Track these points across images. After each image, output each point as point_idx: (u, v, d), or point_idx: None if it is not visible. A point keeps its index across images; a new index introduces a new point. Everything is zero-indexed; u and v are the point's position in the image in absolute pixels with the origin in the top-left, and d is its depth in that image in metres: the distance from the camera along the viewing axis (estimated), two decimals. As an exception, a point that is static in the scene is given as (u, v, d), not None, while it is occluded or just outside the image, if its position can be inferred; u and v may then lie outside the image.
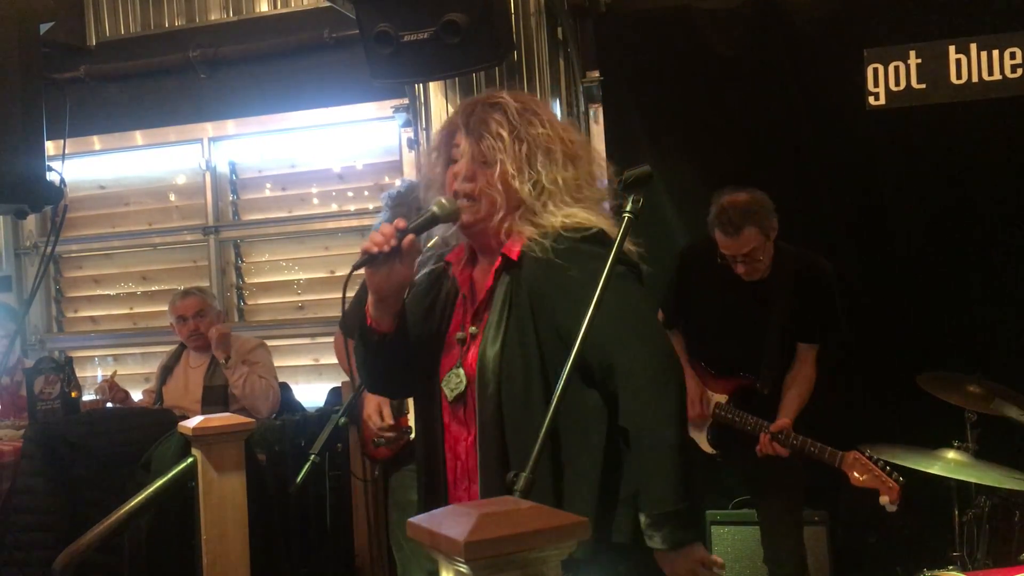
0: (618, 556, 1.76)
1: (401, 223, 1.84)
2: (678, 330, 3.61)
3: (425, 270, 2.03)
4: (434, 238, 2.03)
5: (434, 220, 1.89)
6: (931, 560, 3.15)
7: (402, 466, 3.23)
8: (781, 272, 3.41)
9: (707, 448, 3.43)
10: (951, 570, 3.05)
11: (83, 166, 5.74)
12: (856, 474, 3.21)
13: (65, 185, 2.82)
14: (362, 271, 1.86)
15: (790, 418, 3.34)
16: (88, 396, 4.68)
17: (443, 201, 1.89)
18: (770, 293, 3.41)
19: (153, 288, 5.78)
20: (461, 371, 1.91)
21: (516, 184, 1.86)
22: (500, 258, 1.90)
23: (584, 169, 1.93)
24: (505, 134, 1.87)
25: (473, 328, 1.93)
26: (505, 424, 1.79)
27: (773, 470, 3.43)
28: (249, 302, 5.65)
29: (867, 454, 3.21)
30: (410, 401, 3.00)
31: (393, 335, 1.94)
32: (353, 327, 3.73)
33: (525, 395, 1.79)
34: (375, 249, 1.81)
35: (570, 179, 1.90)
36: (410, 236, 1.84)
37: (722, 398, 3.48)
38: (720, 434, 3.46)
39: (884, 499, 3.15)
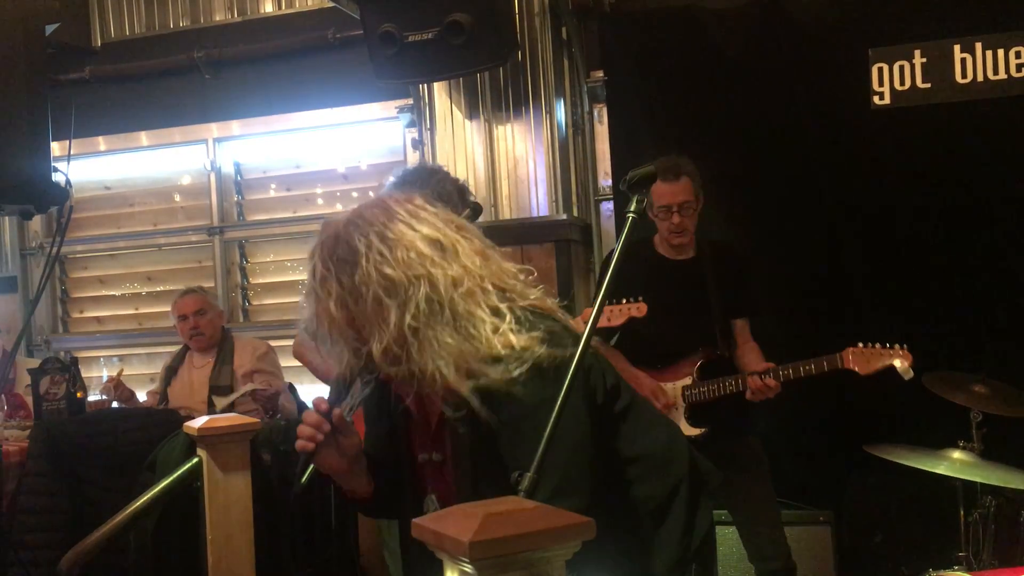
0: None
1: (323, 404, 1.74)
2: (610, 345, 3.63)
3: (367, 392, 1.83)
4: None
5: (342, 384, 1.78)
6: (936, 560, 3.15)
7: None
8: (704, 252, 3.57)
9: (691, 430, 3.45)
10: (956, 570, 3.05)
11: (88, 167, 5.75)
12: (863, 365, 3.21)
13: (70, 186, 2.83)
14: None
15: (763, 363, 3.39)
16: (94, 396, 4.69)
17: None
18: (701, 269, 3.54)
19: (158, 288, 5.79)
20: (433, 498, 1.86)
21: (383, 316, 1.67)
22: (440, 414, 1.78)
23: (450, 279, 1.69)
24: (333, 285, 1.69)
25: (437, 455, 1.84)
26: None
27: (741, 457, 3.46)
28: (254, 302, 5.66)
29: (859, 344, 3.23)
30: None
31: (375, 491, 1.89)
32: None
33: None
34: (311, 446, 1.73)
35: (436, 306, 1.67)
36: (337, 411, 1.75)
37: (687, 380, 3.49)
38: (697, 414, 3.48)
39: (902, 366, 3.15)
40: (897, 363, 3.16)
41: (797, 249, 4.24)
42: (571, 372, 1.56)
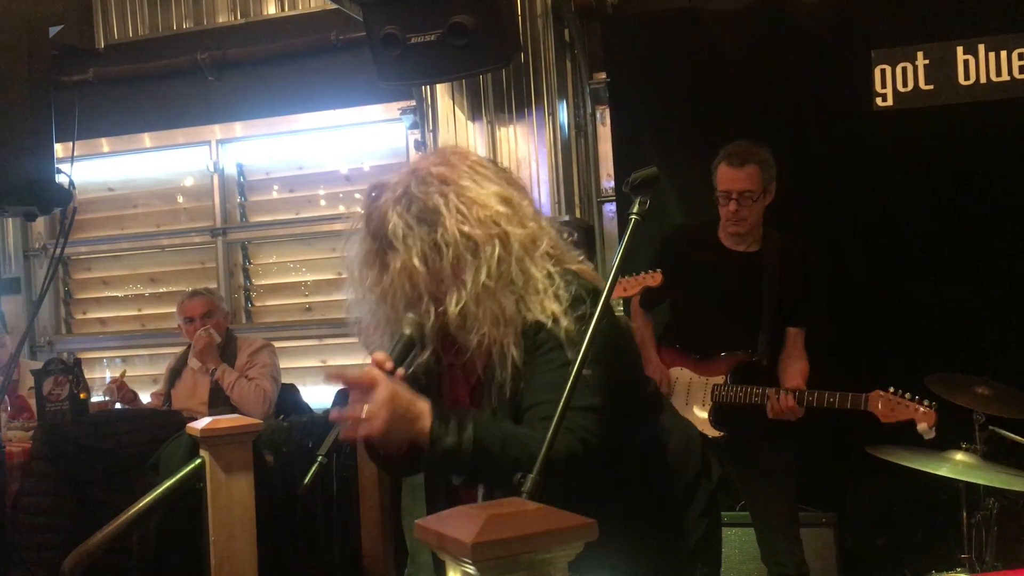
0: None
1: (388, 363, 1.71)
2: (651, 316, 3.64)
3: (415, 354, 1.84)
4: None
5: (411, 344, 1.76)
6: (939, 562, 3.15)
7: None
8: (771, 248, 3.44)
9: (711, 431, 3.40)
10: (959, 572, 3.05)
11: (91, 168, 5.76)
12: (885, 411, 3.16)
13: (74, 187, 2.84)
14: None
15: (799, 382, 3.32)
16: (97, 397, 4.70)
17: (411, 317, 1.75)
18: (761, 267, 3.41)
19: (161, 290, 5.80)
20: None
21: (461, 275, 1.70)
22: (481, 371, 1.79)
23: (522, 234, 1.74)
24: (418, 232, 1.71)
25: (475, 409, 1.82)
26: None
27: (764, 462, 3.42)
28: (257, 304, 5.66)
29: (890, 389, 3.17)
30: None
31: (409, 450, 1.87)
32: None
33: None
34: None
35: (512, 257, 1.72)
36: (400, 372, 1.72)
37: (719, 379, 3.42)
38: (722, 415, 3.42)
39: (922, 426, 3.09)
40: (919, 424, 3.10)
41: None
42: (588, 335, 1.57)
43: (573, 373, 1.54)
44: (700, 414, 3.42)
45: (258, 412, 4.29)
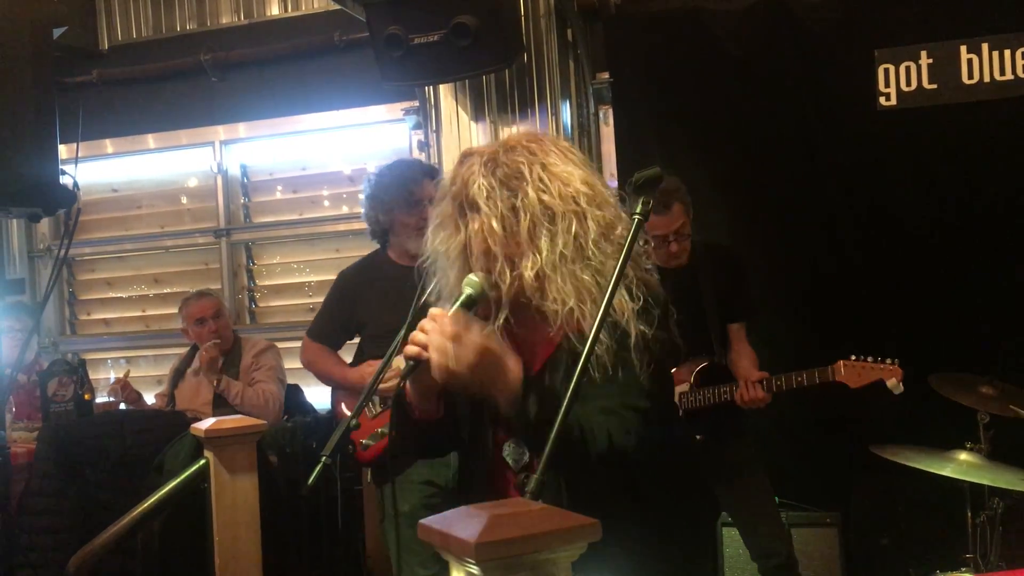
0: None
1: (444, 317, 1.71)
2: None
3: None
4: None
5: (471, 303, 1.77)
6: (944, 562, 3.14)
7: (389, 477, 3.24)
8: (699, 257, 3.55)
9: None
10: (964, 572, 3.04)
11: (95, 169, 5.77)
12: (854, 378, 3.25)
13: (78, 188, 2.84)
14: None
15: (757, 371, 3.44)
16: (101, 398, 4.70)
17: (474, 278, 1.77)
18: (696, 276, 3.52)
19: (165, 291, 5.81)
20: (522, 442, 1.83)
21: (536, 242, 1.75)
22: (562, 338, 1.80)
23: (600, 214, 1.80)
24: (503, 193, 1.77)
25: None
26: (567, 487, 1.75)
27: (734, 459, 3.48)
28: (260, 304, 5.67)
29: (851, 357, 3.26)
30: None
31: (443, 414, 1.88)
32: (323, 335, 3.75)
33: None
34: (426, 355, 1.68)
35: (590, 231, 1.78)
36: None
37: (683, 387, 3.50)
38: (692, 421, 3.48)
39: (892, 382, 3.20)
40: (888, 380, 3.19)
41: (803, 250, 4.23)
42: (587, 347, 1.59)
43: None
44: None
45: (268, 417, 4.29)
